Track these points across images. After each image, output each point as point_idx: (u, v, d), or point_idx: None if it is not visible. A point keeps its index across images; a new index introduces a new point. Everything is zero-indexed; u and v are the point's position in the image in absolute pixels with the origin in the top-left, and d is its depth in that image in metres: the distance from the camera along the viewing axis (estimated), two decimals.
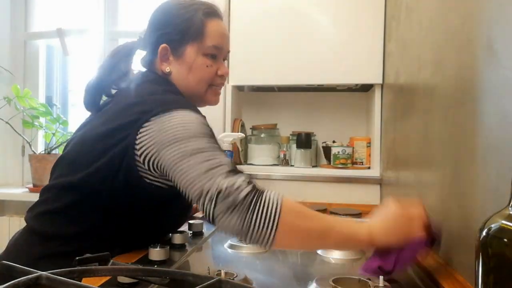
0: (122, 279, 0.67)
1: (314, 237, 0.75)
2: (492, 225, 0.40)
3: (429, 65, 1.01)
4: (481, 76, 0.69)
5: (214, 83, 1.02)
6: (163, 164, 0.80)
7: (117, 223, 0.87)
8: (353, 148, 1.86)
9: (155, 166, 0.82)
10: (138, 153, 0.82)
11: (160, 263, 0.83)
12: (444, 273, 0.77)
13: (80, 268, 0.47)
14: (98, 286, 0.67)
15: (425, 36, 1.06)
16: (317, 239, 0.76)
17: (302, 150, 1.89)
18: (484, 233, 0.41)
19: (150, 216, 0.91)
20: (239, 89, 2.02)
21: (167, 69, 0.98)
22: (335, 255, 0.95)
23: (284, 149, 1.96)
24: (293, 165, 1.94)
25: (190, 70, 0.98)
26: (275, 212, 0.72)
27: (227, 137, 1.69)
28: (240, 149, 1.92)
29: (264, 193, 0.74)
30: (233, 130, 1.91)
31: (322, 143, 2.00)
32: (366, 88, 1.95)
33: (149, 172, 0.84)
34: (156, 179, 0.85)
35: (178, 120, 0.81)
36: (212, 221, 0.74)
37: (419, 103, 1.10)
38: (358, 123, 2.04)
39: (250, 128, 2.04)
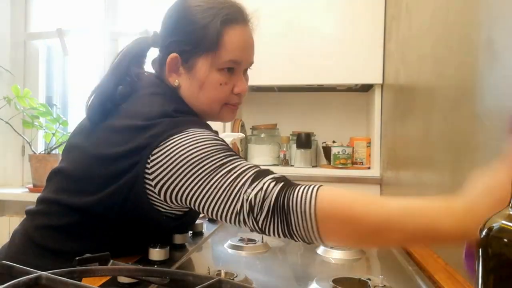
0: (122, 279, 0.67)
1: (368, 228, 0.61)
2: (492, 225, 0.40)
3: (429, 65, 1.01)
4: (481, 76, 0.69)
5: (230, 102, 0.90)
6: (183, 195, 0.75)
7: (123, 241, 0.84)
8: (353, 148, 1.86)
9: (173, 198, 0.77)
10: (153, 183, 0.76)
11: (160, 263, 0.83)
12: (444, 273, 0.77)
13: (80, 268, 0.47)
14: (98, 286, 0.67)
15: (425, 36, 1.06)
16: (373, 232, 0.61)
17: (302, 150, 1.89)
18: (484, 233, 0.41)
19: (158, 236, 0.89)
20: None
21: (176, 82, 0.88)
22: (335, 255, 0.95)
23: (284, 149, 1.96)
24: (293, 165, 1.94)
25: (201, 88, 0.87)
26: (310, 204, 0.63)
27: (227, 137, 1.68)
28: (240, 149, 1.92)
29: (297, 188, 0.67)
30: (233, 130, 1.91)
31: (322, 143, 2.00)
32: (366, 88, 1.95)
33: (164, 203, 0.79)
34: (168, 211, 0.82)
35: (188, 141, 0.75)
36: (262, 233, 0.70)
37: (419, 103, 1.10)
38: (358, 123, 2.04)
39: (250, 128, 2.04)
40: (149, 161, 0.76)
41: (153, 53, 0.95)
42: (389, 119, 1.60)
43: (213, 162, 0.73)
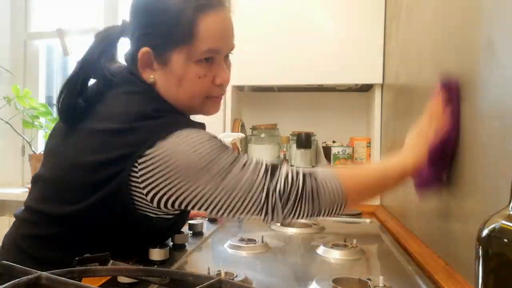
0: (122, 279, 0.67)
1: (376, 189, 0.87)
2: (492, 225, 0.40)
3: (429, 65, 1.01)
4: (481, 76, 0.69)
5: (212, 95, 0.84)
6: (187, 200, 0.73)
7: (115, 246, 0.79)
8: (353, 148, 1.86)
9: (169, 204, 0.74)
10: (144, 192, 0.73)
11: (160, 263, 0.83)
12: (444, 273, 0.77)
13: (80, 268, 0.47)
14: (98, 286, 0.67)
15: (425, 36, 1.06)
16: (378, 189, 0.90)
17: (302, 150, 1.89)
18: (484, 233, 0.41)
19: (155, 237, 0.88)
20: (239, 89, 2.02)
21: (151, 78, 0.81)
22: (335, 255, 0.95)
23: (284, 149, 1.96)
24: (293, 165, 1.94)
25: (179, 84, 0.80)
26: (338, 188, 0.76)
27: (227, 137, 1.68)
28: (240, 149, 1.92)
29: (320, 175, 0.77)
30: (233, 130, 1.91)
31: (322, 143, 2.00)
32: (366, 88, 1.95)
33: (157, 209, 0.76)
34: (161, 214, 0.79)
35: (183, 146, 0.71)
36: (281, 220, 0.76)
37: (419, 103, 1.10)
38: (358, 123, 2.04)
39: (250, 128, 2.04)
40: (136, 169, 0.72)
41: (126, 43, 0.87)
42: (389, 119, 1.60)
43: (215, 162, 0.72)
